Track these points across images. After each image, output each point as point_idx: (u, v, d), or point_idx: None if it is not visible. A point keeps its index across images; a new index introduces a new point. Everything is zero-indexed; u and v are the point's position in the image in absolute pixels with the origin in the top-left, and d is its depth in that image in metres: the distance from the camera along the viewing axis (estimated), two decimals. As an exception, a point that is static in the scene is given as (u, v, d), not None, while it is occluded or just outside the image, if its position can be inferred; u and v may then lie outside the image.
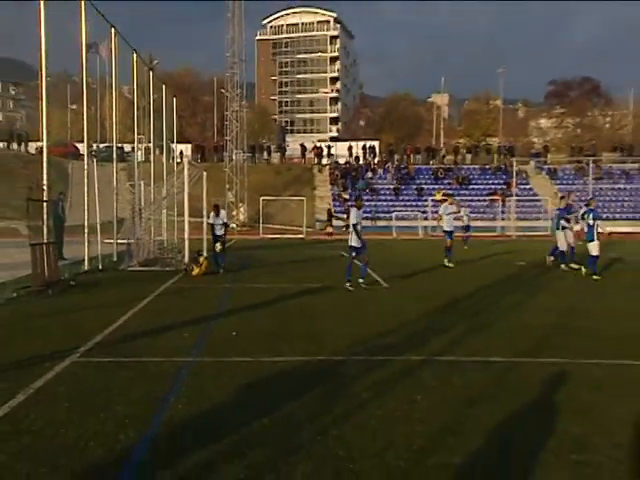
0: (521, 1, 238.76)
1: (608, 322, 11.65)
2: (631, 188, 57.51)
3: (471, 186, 59.58)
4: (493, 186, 59.45)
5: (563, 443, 5.61)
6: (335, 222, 49.33)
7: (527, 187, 59.61)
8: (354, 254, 16.71)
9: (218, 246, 20.15)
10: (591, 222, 19.33)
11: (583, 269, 19.74)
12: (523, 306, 13.58)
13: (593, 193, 51.66)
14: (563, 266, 21.17)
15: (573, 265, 21.01)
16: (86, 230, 20.07)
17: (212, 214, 20.84)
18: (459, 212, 25.93)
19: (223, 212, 21.21)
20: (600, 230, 19.32)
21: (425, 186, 59.38)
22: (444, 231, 23.06)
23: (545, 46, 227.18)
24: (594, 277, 18.71)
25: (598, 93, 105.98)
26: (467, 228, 34.10)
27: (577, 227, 21.78)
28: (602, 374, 7.90)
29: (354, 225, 16.55)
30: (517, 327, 11.11)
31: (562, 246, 21.26)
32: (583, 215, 19.95)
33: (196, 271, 19.22)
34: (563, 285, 17.68)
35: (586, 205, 20.26)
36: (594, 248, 19.12)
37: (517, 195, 53.30)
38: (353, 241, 16.59)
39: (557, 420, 6.27)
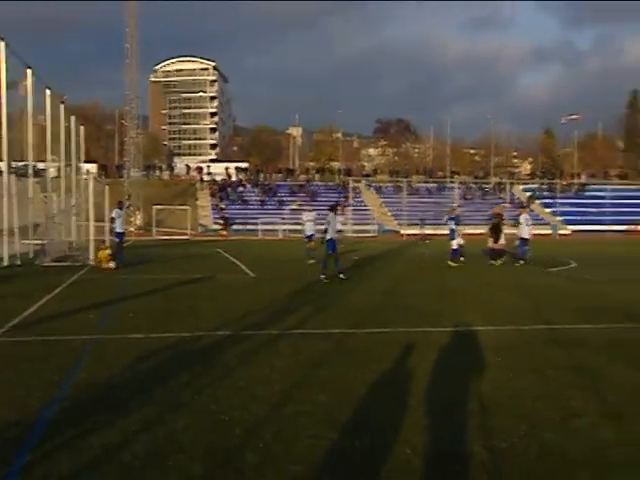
0: (350, 60, 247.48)
1: (420, 300, 12.14)
2: (432, 201, 60.56)
3: (319, 199, 60.30)
4: (335, 199, 60.47)
5: (382, 387, 5.86)
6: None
7: (360, 200, 61.20)
8: (331, 252, 15.77)
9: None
10: (453, 226, 19.96)
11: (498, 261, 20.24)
12: (358, 289, 13.91)
13: (406, 205, 53.95)
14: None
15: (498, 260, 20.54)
16: (6, 233, 18.91)
17: (116, 209, 19.86)
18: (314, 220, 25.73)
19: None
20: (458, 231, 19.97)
21: (284, 198, 59.67)
22: (305, 235, 22.85)
23: (371, 93, 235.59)
24: (450, 263, 19.49)
25: (409, 130, 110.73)
26: (339, 232, 34.63)
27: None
28: (410, 339, 8.21)
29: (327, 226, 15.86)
30: (352, 305, 11.38)
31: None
32: (447, 221, 20.35)
33: (101, 256, 18.51)
34: (390, 272, 18.30)
35: (447, 213, 20.95)
36: (454, 244, 19.90)
37: (353, 206, 54.75)
38: (331, 234, 15.67)
39: (379, 372, 6.47)
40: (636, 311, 10.82)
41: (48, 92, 23.87)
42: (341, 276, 15.36)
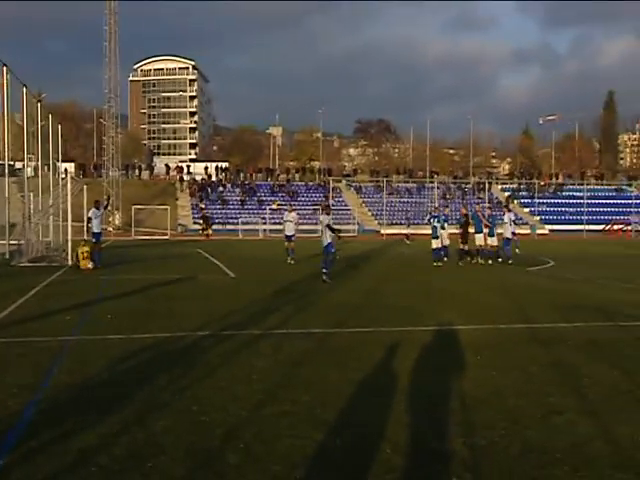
0: (331, 60, 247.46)
1: (401, 299, 12.16)
2: (412, 201, 60.88)
3: (299, 198, 60.35)
4: (315, 198, 60.58)
5: (364, 386, 5.85)
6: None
7: (340, 199, 61.32)
8: (332, 250, 15.61)
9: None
10: (436, 224, 20.00)
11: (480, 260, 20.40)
12: (339, 289, 13.89)
13: (386, 205, 54.08)
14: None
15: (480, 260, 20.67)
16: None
17: (93, 209, 19.57)
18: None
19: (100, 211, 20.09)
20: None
21: (264, 198, 59.59)
22: (285, 235, 21.90)
23: (352, 93, 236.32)
24: (435, 264, 19.50)
25: (390, 131, 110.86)
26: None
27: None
28: (392, 338, 8.20)
29: (327, 225, 15.58)
30: (333, 305, 11.37)
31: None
32: (429, 220, 20.35)
33: (79, 251, 18.18)
34: (371, 272, 18.32)
35: (430, 212, 20.99)
36: (435, 243, 19.91)
37: (333, 205, 54.61)
38: (328, 239, 15.53)
39: (361, 371, 6.46)
40: (614, 310, 10.95)
41: (25, 90, 23.59)
42: (324, 277, 15.32)
